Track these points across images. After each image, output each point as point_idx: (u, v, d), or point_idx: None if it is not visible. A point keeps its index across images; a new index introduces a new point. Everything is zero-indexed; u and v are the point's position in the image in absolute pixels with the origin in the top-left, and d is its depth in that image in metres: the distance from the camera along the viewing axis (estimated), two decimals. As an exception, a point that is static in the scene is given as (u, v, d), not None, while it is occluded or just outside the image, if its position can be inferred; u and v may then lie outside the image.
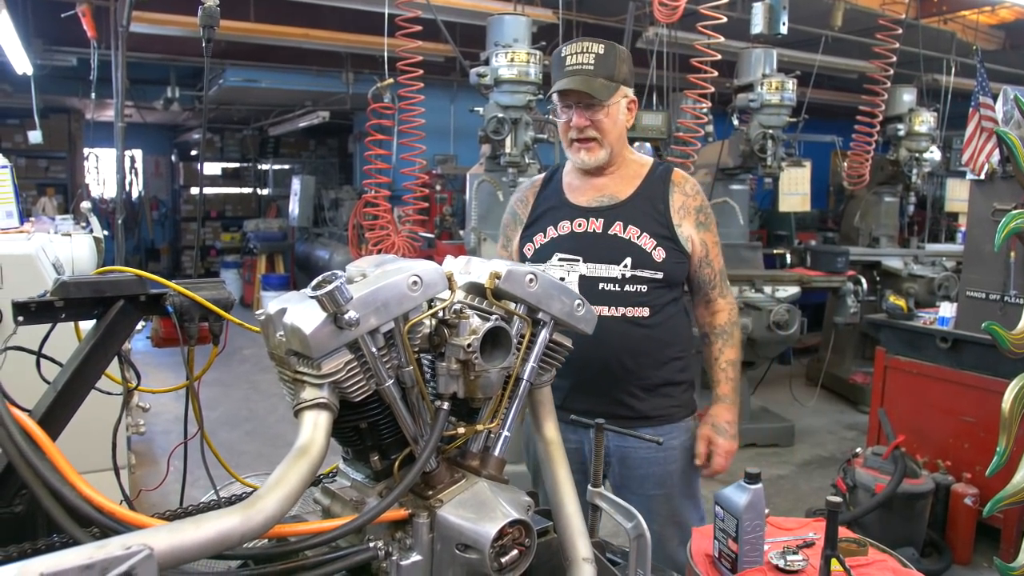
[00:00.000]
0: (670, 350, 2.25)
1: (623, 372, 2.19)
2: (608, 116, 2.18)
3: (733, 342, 2.30)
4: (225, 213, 14.63)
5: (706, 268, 2.27)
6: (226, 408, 6.64)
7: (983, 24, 8.14)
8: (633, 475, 2.26)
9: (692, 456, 2.30)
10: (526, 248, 2.33)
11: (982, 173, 4.14)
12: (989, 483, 3.42)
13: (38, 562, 0.81)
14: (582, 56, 2.15)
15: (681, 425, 2.28)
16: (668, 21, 5.03)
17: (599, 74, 2.13)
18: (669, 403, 2.27)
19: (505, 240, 2.48)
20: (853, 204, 7.86)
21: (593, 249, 2.20)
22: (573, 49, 2.18)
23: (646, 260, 2.17)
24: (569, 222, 2.25)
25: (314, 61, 8.85)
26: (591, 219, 2.23)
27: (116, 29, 5.46)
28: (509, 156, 4.78)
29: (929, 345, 4.44)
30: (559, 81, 2.18)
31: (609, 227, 2.20)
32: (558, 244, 2.25)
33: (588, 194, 2.29)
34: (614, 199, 2.25)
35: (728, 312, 2.32)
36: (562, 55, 2.20)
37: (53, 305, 1.39)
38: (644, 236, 2.18)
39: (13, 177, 3.73)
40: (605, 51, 2.15)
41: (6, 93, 9.00)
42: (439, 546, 1.22)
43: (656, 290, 2.19)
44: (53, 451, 1.12)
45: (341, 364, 1.14)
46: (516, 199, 2.47)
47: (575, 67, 2.15)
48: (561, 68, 2.19)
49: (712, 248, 2.28)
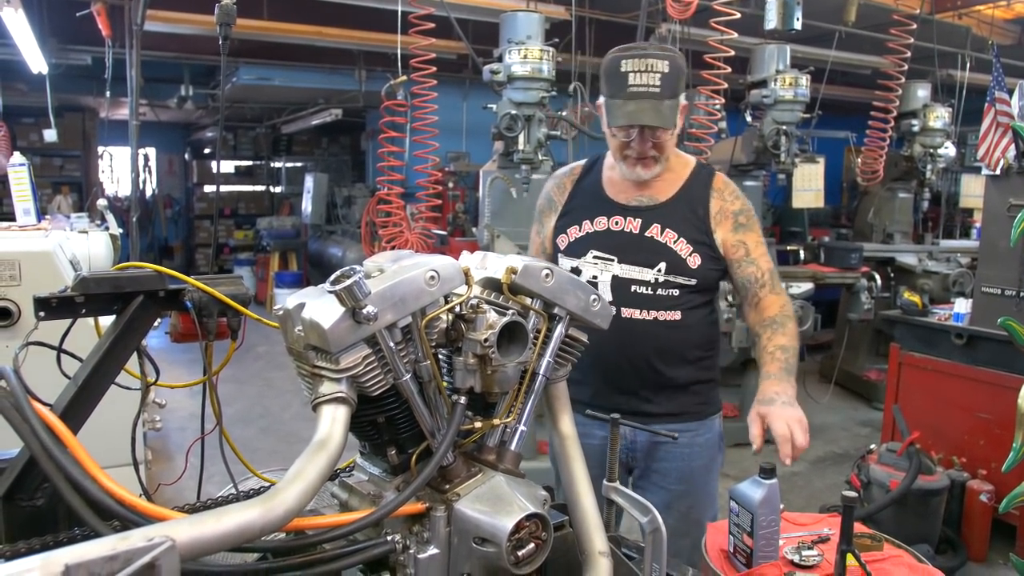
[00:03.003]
0: (698, 349, 2.23)
1: (652, 373, 2.18)
2: (671, 136, 2.13)
3: (785, 330, 2.13)
4: (238, 211, 14.69)
5: (748, 267, 2.18)
6: (240, 405, 6.67)
7: (998, 19, 8.07)
8: (657, 468, 2.26)
9: (715, 453, 2.29)
10: (559, 239, 2.29)
11: (997, 168, 4.12)
12: (1005, 479, 3.40)
13: (63, 553, 0.82)
14: (647, 76, 2.00)
15: (706, 423, 2.27)
16: (681, 17, 5.02)
17: (665, 95, 2.02)
18: (695, 400, 2.25)
19: (539, 226, 2.42)
20: (867, 200, 7.82)
21: (629, 250, 2.17)
22: (636, 66, 2.01)
23: (681, 266, 2.14)
24: (606, 218, 2.22)
25: (327, 59, 8.87)
26: (629, 218, 2.19)
27: (131, 28, 5.50)
28: (522, 153, 4.78)
29: (944, 341, 4.42)
30: (624, 107, 2.04)
31: (646, 228, 2.17)
32: (593, 241, 2.22)
33: (628, 192, 2.24)
34: (654, 200, 2.21)
35: (780, 306, 2.18)
36: (622, 70, 2.03)
37: (74, 301, 1.40)
38: (681, 241, 2.14)
39: (31, 175, 3.76)
40: (670, 68, 2.02)
41: (21, 92, 9.05)
42: (456, 540, 1.23)
43: (689, 295, 2.16)
44: (75, 445, 1.13)
45: (359, 358, 1.15)
46: (553, 185, 2.41)
47: (640, 89, 2.01)
48: (622, 85, 2.03)
49: (755, 247, 2.19)
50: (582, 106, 5.92)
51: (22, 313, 2.85)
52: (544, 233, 2.38)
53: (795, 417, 1.88)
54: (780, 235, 9.20)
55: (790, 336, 2.12)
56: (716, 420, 2.31)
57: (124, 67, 6.29)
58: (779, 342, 2.10)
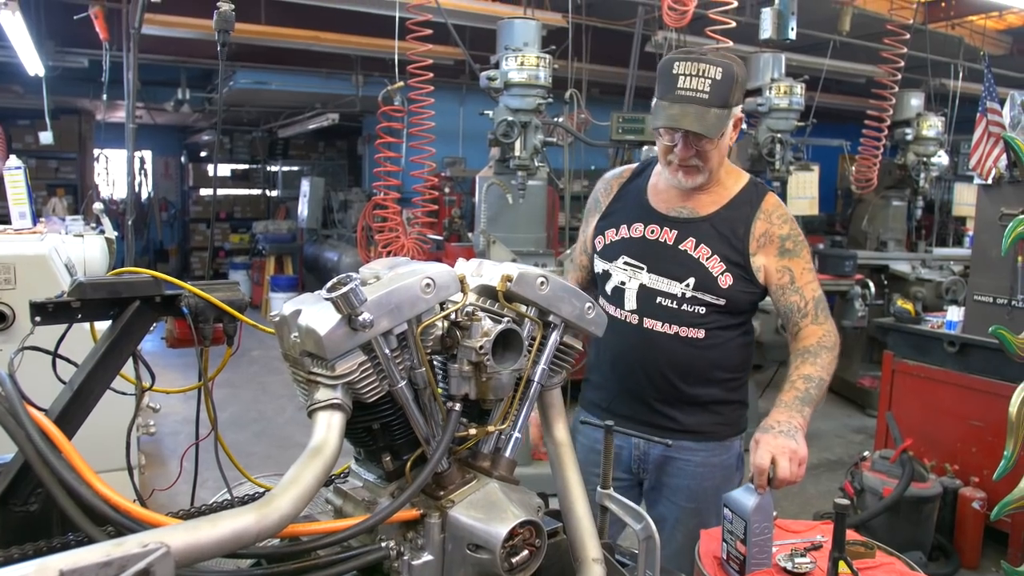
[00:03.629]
0: (724, 372, 2.17)
1: (669, 388, 2.13)
2: (715, 146, 2.04)
3: (815, 361, 2.02)
4: (234, 214, 14.68)
5: (792, 295, 2.10)
6: (235, 409, 6.66)
7: (991, 29, 8.13)
8: (668, 483, 2.22)
9: (731, 475, 2.24)
10: (597, 240, 2.26)
11: (989, 177, 4.14)
12: (997, 487, 3.41)
13: (58, 559, 0.82)
14: (696, 80, 1.94)
15: (725, 444, 2.21)
16: (677, 25, 5.05)
17: (713, 103, 1.94)
18: (715, 420, 2.19)
19: (584, 225, 2.39)
20: (861, 208, 7.86)
21: (660, 260, 2.12)
22: (687, 69, 1.96)
23: (710, 283, 2.08)
24: (643, 225, 2.17)
25: (324, 63, 8.89)
26: (665, 228, 2.14)
27: (128, 31, 5.50)
28: (518, 159, 4.80)
29: (937, 349, 4.44)
30: (669, 110, 1.98)
31: (681, 241, 2.11)
32: (627, 246, 2.18)
33: (671, 202, 2.18)
34: (694, 213, 2.14)
35: (818, 336, 2.07)
36: (674, 72, 1.97)
37: (70, 306, 1.41)
38: (714, 259, 2.08)
39: (27, 178, 3.76)
40: (722, 76, 1.94)
41: (17, 94, 9.06)
42: (450, 546, 1.23)
43: (716, 315, 2.11)
44: (69, 450, 1.14)
45: (355, 365, 1.15)
46: (602, 186, 2.37)
47: (688, 93, 1.95)
48: (671, 87, 1.97)
49: (800, 275, 2.11)
50: (578, 113, 5.95)
51: (17, 317, 2.85)
52: (587, 232, 2.35)
53: (786, 448, 1.79)
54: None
55: (820, 366, 2.02)
56: (736, 442, 2.25)
57: (121, 70, 6.30)
58: (804, 371, 2.01)
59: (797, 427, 1.86)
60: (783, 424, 1.87)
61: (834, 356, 2.07)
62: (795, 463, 1.78)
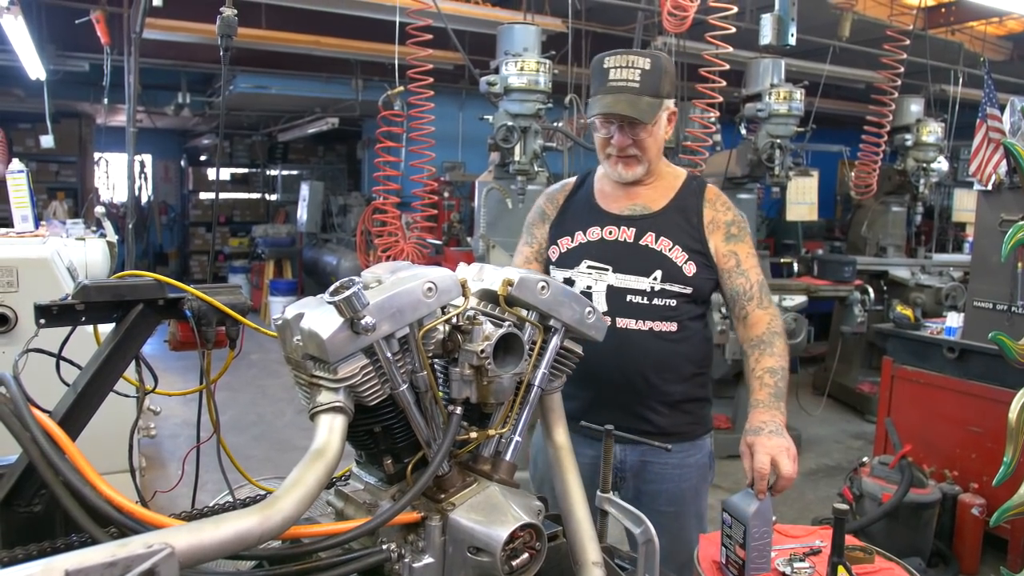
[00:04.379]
0: (693, 366, 2.20)
1: (647, 387, 2.14)
2: (651, 135, 2.11)
3: (772, 351, 2.06)
4: (234, 218, 14.67)
5: (738, 279, 2.15)
6: (234, 412, 6.67)
7: (991, 35, 8.15)
8: (647, 490, 2.21)
9: (705, 473, 2.26)
10: (551, 251, 2.27)
11: (989, 184, 4.15)
12: (996, 493, 3.42)
13: (63, 559, 0.83)
14: (627, 71, 2.04)
15: (698, 443, 2.24)
16: (677, 31, 5.06)
17: (644, 92, 2.03)
18: (687, 420, 2.22)
19: (529, 237, 2.37)
20: (860, 214, 7.87)
21: (623, 259, 2.14)
22: (617, 62, 2.06)
23: (677, 273, 2.12)
24: (600, 228, 2.20)
25: (324, 68, 8.90)
26: (623, 227, 2.18)
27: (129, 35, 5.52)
28: (518, 164, 4.81)
29: (936, 355, 4.45)
30: (602, 100, 2.06)
31: (641, 237, 2.15)
32: (587, 251, 2.19)
33: (621, 202, 2.23)
34: (647, 209, 2.19)
35: (767, 323, 2.11)
36: (604, 66, 2.08)
37: (74, 308, 1.42)
38: (676, 249, 2.12)
39: (29, 182, 3.77)
40: (651, 66, 2.05)
41: (19, 98, 9.07)
42: (451, 549, 1.24)
43: (684, 305, 2.14)
44: (73, 451, 1.14)
45: (357, 369, 1.16)
46: (545, 198, 2.39)
47: (619, 83, 2.04)
48: (603, 80, 2.07)
49: (745, 259, 2.16)
50: (578, 118, 5.96)
51: (19, 320, 2.85)
52: (535, 243, 2.34)
53: (781, 447, 1.80)
54: (774, 248, 9.24)
55: (778, 356, 2.06)
56: (707, 440, 2.28)
57: (122, 74, 6.31)
58: (767, 364, 2.04)
59: (781, 424, 1.89)
60: (769, 424, 1.88)
61: (785, 341, 2.12)
62: (792, 459, 1.81)
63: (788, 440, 1.84)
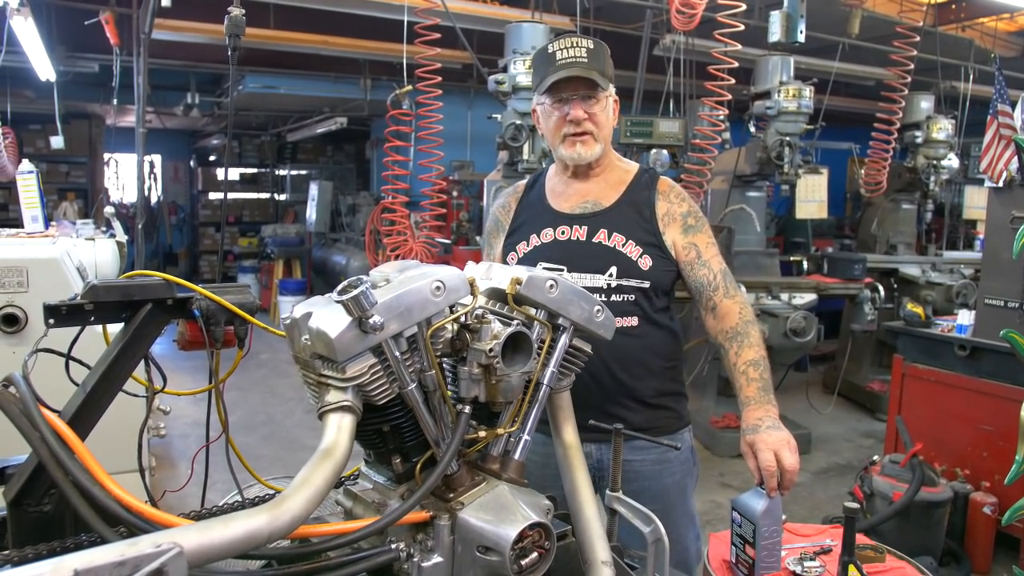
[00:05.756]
0: (661, 360, 2.18)
1: (615, 384, 2.12)
2: (603, 110, 2.13)
3: (750, 341, 2.05)
4: (243, 218, 14.73)
5: (701, 269, 2.14)
6: (243, 412, 6.68)
7: (1001, 31, 8.11)
8: (628, 489, 2.17)
9: (689, 468, 2.23)
10: (509, 257, 2.25)
11: (1000, 180, 4.13)
12: (1008, 492, 3.40)
13: (72, 558, 0.83)
14: (573, 50, 2.07)
15: (676, 437, 2.19)
16: (685, 28, 5.04)
17: (592, 68, 2.06)
18: (663, 415, 2.19)
19: (488, 248, 2.39)
20: (870, 211, 7.84)
21: (577, 258, 2.13)
22: (563, 44, 2.09)
23: (632, 268, 2.10)
24: (552, 229, 2.18)
25: (332, 68, 8.92)
26: (575, 226, 2.17)
27: (138, 36, 5.53)
28: (526, 163, 4.82)
29: (947, 353, 4.42)
30: (557, 74, 2.07)
31: (593, 235, 2.14)
32: (541, 253, 2.17)
33: (572, 200, 2.22)
34: (598, 205, 2.19)
35: (738, 313, 2.10)
36: (550, 51, 2.11)
37: (83, 308, 1.42)
38: (629, 244, 2.11)
39: (39, 182, 3.79)
40: (595, 46, 2.09)
41: (29, 99, 9.11)
42: (460, 548, 1.24)
43: (644, 299, 2.12)
44: (83, 451, 1.15)
45: (365, 368, 1.16)
46: (498, 205, 2.38)
47: (568, 60, 2.06)
48: (550, 63, 2.09)
49: (705, 249, 2.15)
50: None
51: (29, 319, 2.86)
52: (493, 255, 2.34)
53: (782, 440, 1.80)
54: (784, 246, 9.22)
55: (756, 346, 2.05)
56: (686, 434, 2.25)
57: (131, 75, 6.33)
58: (748, 357, 2.03)
59: (775, 418, 1.89)
60: (765, 420, 1.88)
61: (758, 328, 2.12)
62: (794, 451, 1.80)
63: (786, 432, 1.85)
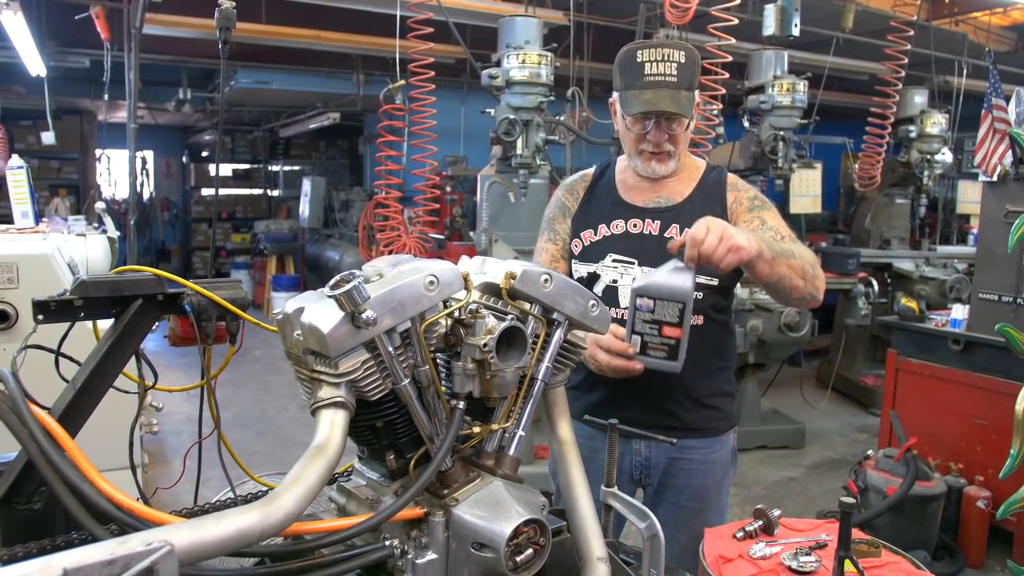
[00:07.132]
0: (719, 359, 2.18)
1: (674, 382, 2.08)
2: (686, 129, 2.09)
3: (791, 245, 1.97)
4: (236, 214, 14.69)
5: (768, 233, 2.05)
6: (237, 408, 6.67)
7: (995, 26, 8.11)
8: (671, 484, 2.20)
9: (727, 469, 2.24)
10: (574, 244, 2.23)
11: (995, 175, 4.13)
12: (1002, 486, 3.41)
13: (62, 557, 0.82)
14: (663, 65, 1.99)
15: (722, 439, 2.21)
16: (679, 23, 5.03)
17: (682, 86, 1.99)
18: (714, 415, 2.19)
19: (552, 233, 2.30)
20: (864, 206, 7.85)
21: (649, 252, 2.09)
22: (653, 56, 2.00)
23: (703, 265, 2.06)
24: (624, 222, 2.16)
25: (325, 63, 8.88)
26: (647, 220, 2.14)
27: (129, 31, 5.50)
28: (520, 158, 4.79)
29: (941, 347, 4.43)
30: (642, 96, 2.00)
31: (666, 229, 2.11)
32: (612, 244, 2.16)
33: (644, 194, 2.19)
34: (671, 200, 2.16)
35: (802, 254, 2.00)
36: (638, 60, 2.01)
37: (73, 304, 1.40)
38: None
39: (29, 178, 3.76)
40: (686, 59, 2.00)
41: (19, 95, 9.07)
42: (454, 545, 1.23)
43: (711, 296, 2.11)
44: (73, 448, 1.13)
45: (358, 363, 1.15)
46: (564, 191, 2.34)
47: (657, 77, 1.99)
48: (638, 75, 2.01)
49: (772, 219, 2.09)
50: (580, 111, 5.94)
51: (19, 316, 2.85)
52: (559, 240, 2.28)
53: (721, 225, 1.75)
54: (778, 240, 9.20)
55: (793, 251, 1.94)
56: (731, 436, 2.25)
57: (122, 70, 6.29)
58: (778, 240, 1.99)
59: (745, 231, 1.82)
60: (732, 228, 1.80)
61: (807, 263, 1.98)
62: (724, 244, 1.73)
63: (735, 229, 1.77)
